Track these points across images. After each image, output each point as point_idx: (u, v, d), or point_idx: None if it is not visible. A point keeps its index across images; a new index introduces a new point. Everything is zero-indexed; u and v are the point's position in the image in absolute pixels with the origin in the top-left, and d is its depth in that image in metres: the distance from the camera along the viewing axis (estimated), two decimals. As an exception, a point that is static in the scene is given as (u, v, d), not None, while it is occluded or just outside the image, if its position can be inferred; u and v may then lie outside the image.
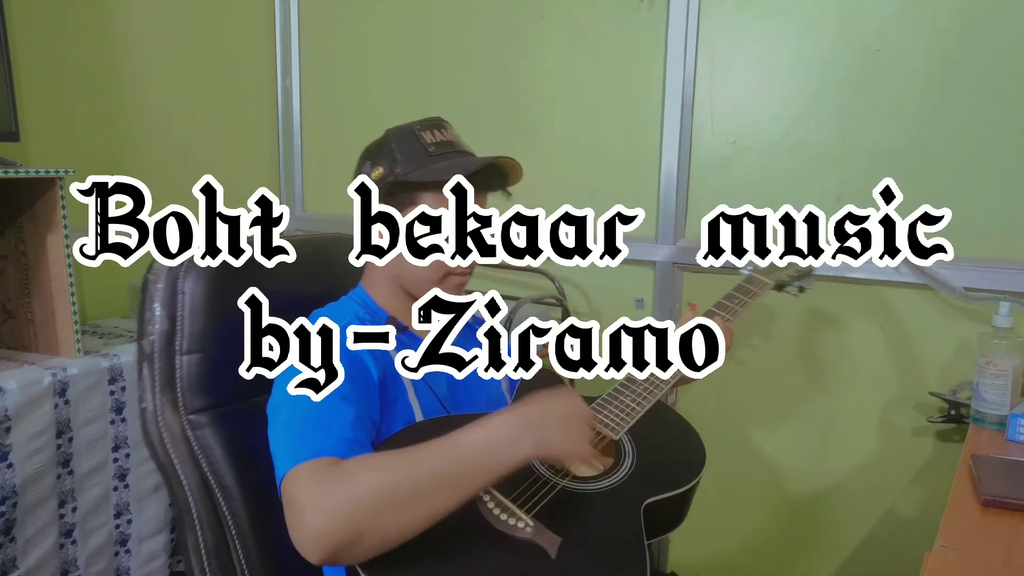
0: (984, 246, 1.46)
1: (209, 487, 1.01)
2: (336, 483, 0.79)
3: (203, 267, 1.04)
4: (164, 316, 1.02)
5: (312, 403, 0.89)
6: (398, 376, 1.02)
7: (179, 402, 1.02)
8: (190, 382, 1.02)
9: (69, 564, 1.45)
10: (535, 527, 0.86)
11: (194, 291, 1.03)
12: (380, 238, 1.05)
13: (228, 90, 2.20)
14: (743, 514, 1.76)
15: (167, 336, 1.02)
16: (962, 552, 0.86)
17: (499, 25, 1.94)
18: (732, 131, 1.68)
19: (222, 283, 1.05)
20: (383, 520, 0.77)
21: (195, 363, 1.02)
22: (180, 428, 1.01)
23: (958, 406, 1.45)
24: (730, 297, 1.25)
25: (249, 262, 1.09)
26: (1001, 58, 1.42)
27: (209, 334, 1.04)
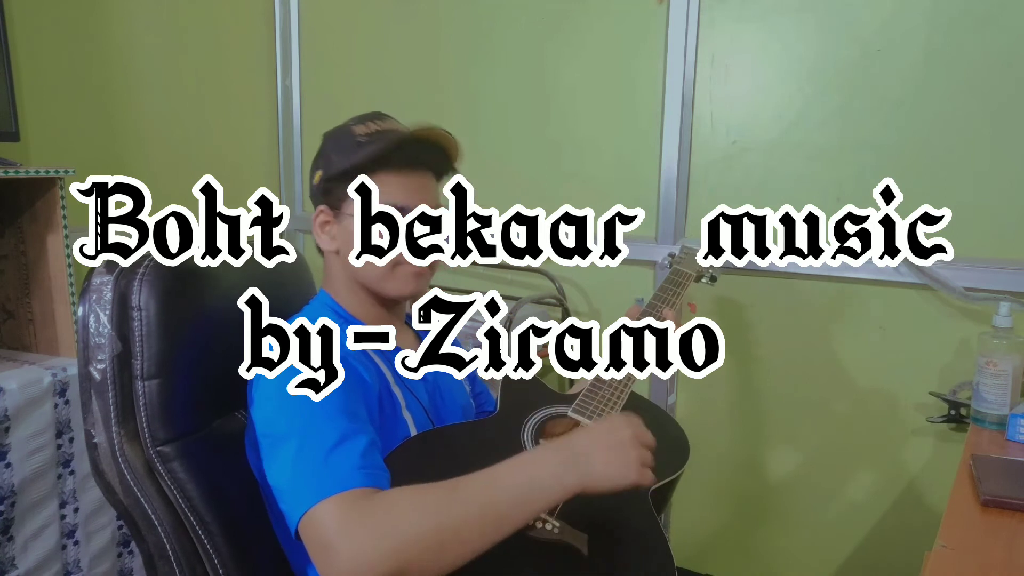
0: (984, 246, 1.46)
1: (187, 525, 0.91)
2: (373, 519, 0.75)
3: (154, 277, 0.92)
4: (115, 337, 0.89)
5: (322, 430, 0.83)
6: (391, 391, 0.99)
7: (143, 434, 0.90)
8: (153, 411, 0.90)
9: (72, 565, 1.45)
10: (562, 526, 0.87)
11: (149, 306, 0.90)
12: (330, 241, 1.02)
13: (228, 90, 2.20)
14: (743, 513, 1.76)
15: (121, 360, 0.90)
16: (962, 552, 0.86)
17: (499, 25, 1.93)
18: (732, 131, 1.68)
19: (179, 294, 0.94)
20: (425, 558, 0.74)
21: (158, 389, 0.90)
22: (144, 463, 0.90)
23: (958, 406, 1.45)
24: (664, 290, 1.27)
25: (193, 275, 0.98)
26: (1001, 58, 1.41)
27: (172, 355, 0.92)
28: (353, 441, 0.83)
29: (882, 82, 1.52)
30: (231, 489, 0.94)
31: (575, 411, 1.04)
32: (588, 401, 1.06)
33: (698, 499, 1.79)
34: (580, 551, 0.85)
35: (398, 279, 1.00)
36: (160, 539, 0.91)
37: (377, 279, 1.00)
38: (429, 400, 1.05)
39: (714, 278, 1.46)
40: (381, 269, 0.99)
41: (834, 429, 1.65)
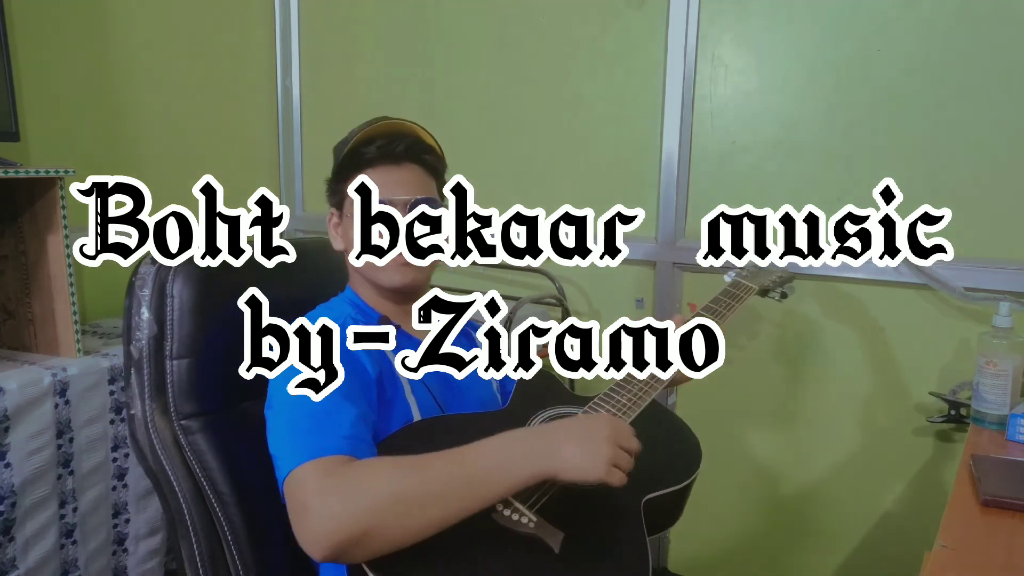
0: (984, 246, 1.46)
1: (203, 493, 0.99)
2: (344, 482, 0.80)
3: (191, 270, 1.03)
4: (152, 320, 1.01)
5: (314, 402, 0.89)
6: (395, 375, 1.02)
7: (170, 408, 1.00)
8: (181, 387, 1.00)
9: (69, 564, 1.45)
10: (538, 522, 0.87)
11: (183, 295, 1.02)
12: (340, 240, 1.09)
13: (228, 90, 2.20)
14: (742, 513, 1.76)
15: (156, 341, 1.01)
16: (962, 552, 0.86)
17: (499, 25, 1.94)
18: (732, 131, 1.68)
19: (211, 286, 1.04)
20: (389, 523, 0.78)
21: (186, 368, 1.01)
22: (172, 434, 1.00)
23: (958, 406, 1.45)
24: (716, 301, 1.24)
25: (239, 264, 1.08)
26: (1001, 58, 1.42)
27: (200, 338, 1.02)
28: (342, 413, 0.88)
29: (882, 82, 1.52)
30: (248, 465, 1.00)
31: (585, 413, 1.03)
32: (601, 405, 1.04)
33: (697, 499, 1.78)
34: (551, 548, 0.84)
35: (387, 271, 1.04)
36: (180, 505, 0.99)
37: (371, 272, 1.05)
38: (442, 389, 1.07)
39: (785, 295, 1.35)
40: (372, 262, 1.04)
41: (834, 429, 1.65)
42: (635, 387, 1.07)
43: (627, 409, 1.03)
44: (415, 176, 1.07)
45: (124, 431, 1.53)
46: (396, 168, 1.05)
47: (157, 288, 1.01)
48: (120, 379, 1.51)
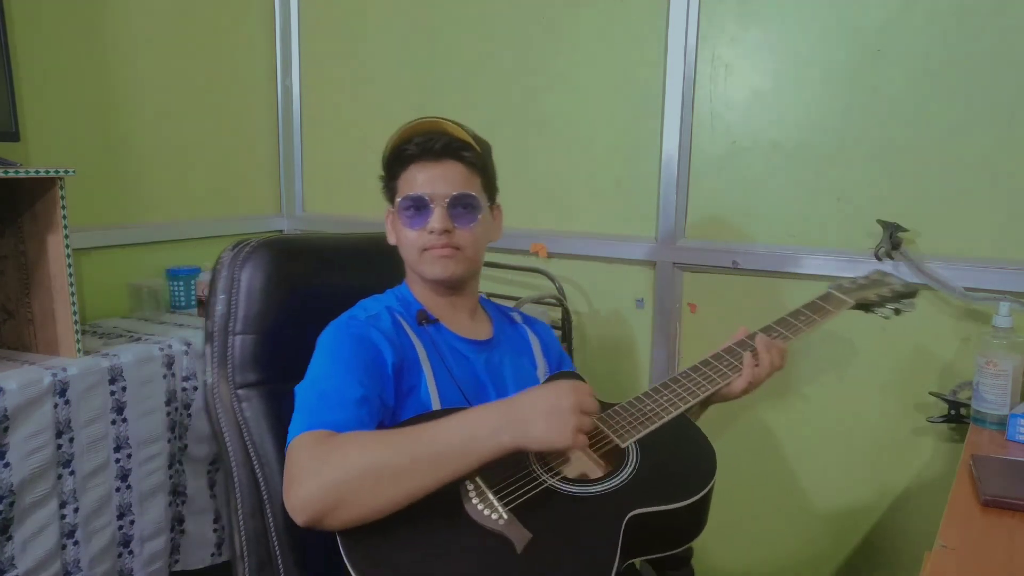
0: (984, 246, 1.46)
1: (249, 455, 1.09)
2: (324, 455, 0.86)
3: (259, 257, 1.15)
4: (224, 300, 1.13)
5: (325, 382, 0.97)
6: (418, 365, 1.06)
7: (229, 377, 1.12)
8: (241, 360, 1.12)
9: (71, 565, 1.45)
10: (507, 520, 0.87)
11: (250, 279, 1.14)
12: (392, 236, 1.16)
13: (228, 90, 2.20)
14: (742, 513, 1.76)
15: (224, 318, 1.13)
16: (962, 552, 0.86)
17: (499, 24, 1.94)
18: (732, 131, 1.68)
19: (275, 273, 1.16)
20: (361, 494, 0.84)
21: (246, 343, 1.13)
22: (229, 401, 1.11)
23: (958, 406, 1.45)
24: (796, 314, 1.19)
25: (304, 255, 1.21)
26: (1001, 58, 1.42)
27: (260, 318, 1.14)
28: (345, 392, 0.95)
29: (882, 82, 1.52)
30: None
31: (600, 419, 1.03)
32: (618, 413, 1.04)
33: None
34: (514, 547, 0.85)
35: (426, 263, 1.10)
36: (231, 466, 1.10)
37: (414, 264, 1.12)
38: (472, 384, 1.10)
39: (899, 311, 1.25)
40: (414, 255, 1.10)
41: (834, 429, 1.65)
42: (662, 397, 1.05)
43: (648, 420, 1.02)
44: (456, 172, 1.10)
45: (126, 431, 1.53)
46: (437, 164, 1.09)
47: (230, 271, 1.14)
48: (120, 379, 1.52)
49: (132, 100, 1.94)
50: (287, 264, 1.17)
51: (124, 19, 1.90)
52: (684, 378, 1.10)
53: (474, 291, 1.19)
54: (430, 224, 1.07)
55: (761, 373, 1.10)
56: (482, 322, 1.20)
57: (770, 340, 1.13)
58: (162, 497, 1.61)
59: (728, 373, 1.10)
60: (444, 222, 1.07)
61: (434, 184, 1.08)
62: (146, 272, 1.97)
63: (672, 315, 1.78)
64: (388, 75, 2.13)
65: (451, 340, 1.12)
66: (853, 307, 1.23)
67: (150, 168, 1.99)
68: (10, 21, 1.58)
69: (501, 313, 1.26)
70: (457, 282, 1.13)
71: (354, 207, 2.26)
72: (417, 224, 1.09)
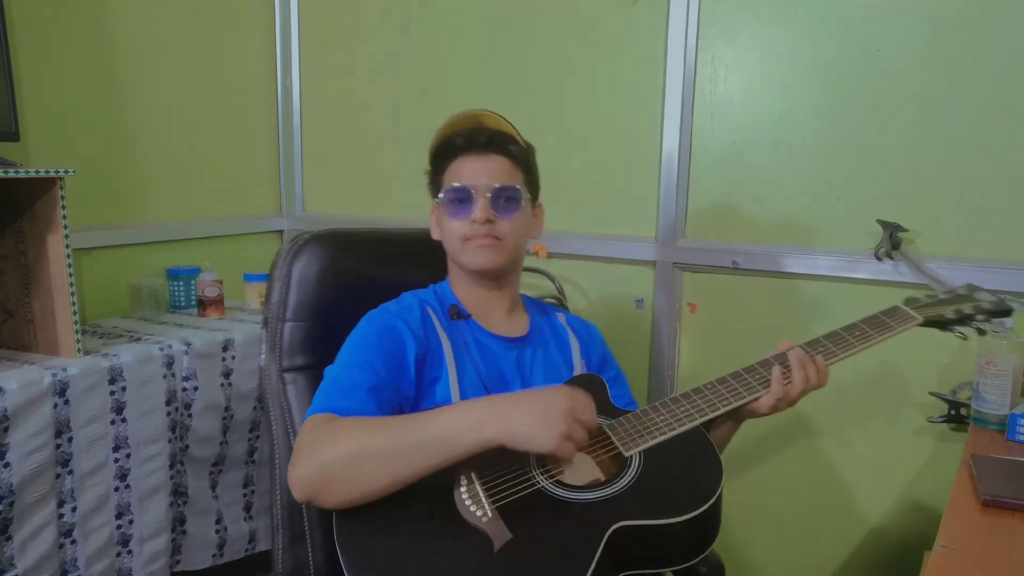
0: (984, 246, 1.46)
1: (288, 434, 1.16)
2: (319, 438, 0.91)
3: (313, 250, 1.22)
4: (278, 289, 1.21)
5: (342, 368, 1.02)
6: (441, 358, 1.08)
7: (278, 361, 1.19)
8: (289, 345, 1.19)
9: (69, 564, 1.45)
10: (491, 518, 0.87)
11: (303, 270, 1.21)
12: (437, 230, 1.19)
13: (228, 90, 2.20)
14: (742, 513, 1.76)
15: (278, 306, 1.21)
16: (962, 552, 0.86)
17: (499, 24, 1.94)
18: (732, 131, 1.68)
19: (325, 266, 1.23)
20: (345, 476, 0.88)
21: (294, 329, 1.20)
22: (276, 382, 1.19)
23: (958, 406, 1.45)
24: (851, 328, 1.13)
25: (352, 249, 1.27)
26: (1001, 58, 1.41)
27: (309, 306, 1.21)
28: (358, 380, 0.99)
29: (882, 82, 1.52)
30: None
31: (610, 427, 1.02)
32: (629, 421, 1.03)
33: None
34: (492, 545, 0.85)
35: (467, 252, 1.12)
36: (273, 440, 1.17)
37: (456, 255, 1.14)
38: (500, 379, 1.12)
39: (983, 331, 1.15)
40: (456, 245, 1.13)
41: (834, 429, 1.65)
42: (680, 408, 1.03)
43: (658, 430, 1.00)
44: (500, 165, 1.13)
45: (125, 431, 1.53)
46: (481, 157, 1.12)
47: (285, 263, 1.22)
48: (120, 379, 1.52)
49: (132, 100, 1.94)
50: (336, 257, 1.24)
51: (124, 19, 1.90)
52: (708, 389, 1.06)
53: (514, 287, 1.21)
54: (473, 214, 1.09)
55: (792, 391, 1.05)
56: (519, 320, 1.21)
57: (805, 355, 1.07)
58: (163, 497, 1.61)
59: (757, 388, 1.05)
60: (487, 211, 1.09)
61: (478, 176, 1.11)
62: (146, 272, 1.97)
63: (672, 315, 1.78)
64: (388, 75, 2.13)
65: (481, 336, 1.15)
66: (923, 324, 1.13)
67: (150, 168, 1.99)
68: (10, 21, 1.58)
69: (544, 312, 1.27)
70: (498, 272, 1.15)
71: (354, 207, 2.26)
72: (461, 214, 1.11)
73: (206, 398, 1.67)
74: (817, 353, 1.09)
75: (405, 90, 2.11)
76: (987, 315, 1.14)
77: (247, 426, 1.80)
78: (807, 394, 1.07)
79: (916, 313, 1.13)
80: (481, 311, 1.17)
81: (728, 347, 1.74)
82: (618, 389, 1.24)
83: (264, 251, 2.33)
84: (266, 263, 1.27)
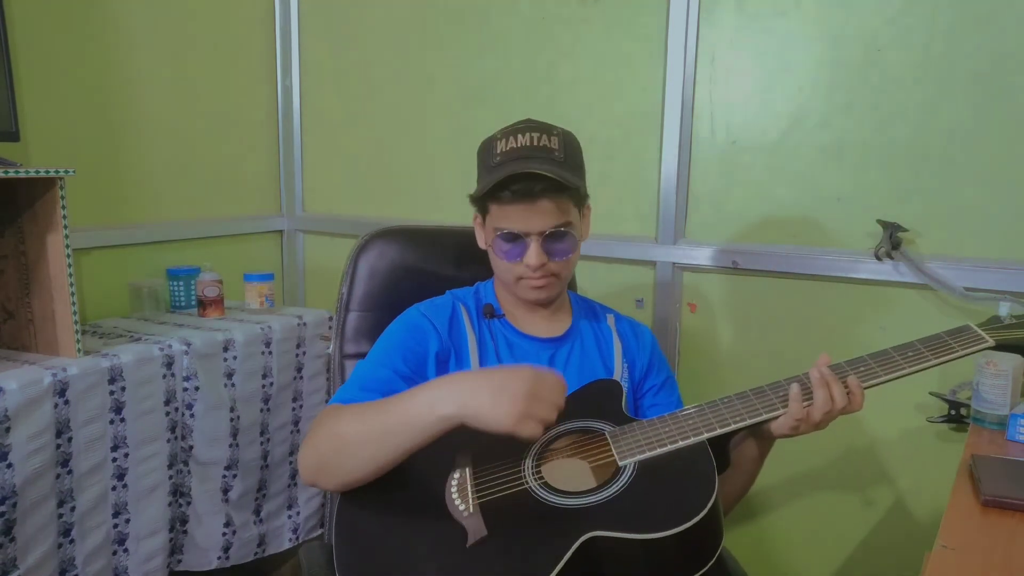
0: (984, 246, 1.46)
1: None
2: (322, 425, 0.97)
3: (376, 246, 1.34)
4: (347, 282, 1.33)
5: (365, 364, 1.09)
6: (467, 356, 1.10)
7: (341, 348, 1.31)
8: (351, 333, 1.31)
9: (67, 563, 1.45)
10: (472, 513, 0.89)
11: (368, 264, 1.33)
12: (482, 241, 1.19)
13: (228, 90, 2.20)
14: (741, 513, 1.76)
15: (345, 298, 1.33)
16: (962, 552, 0.86)
17: (499, 24, 1.94)
18: (732, 131, 1.68)
19: (384, 260, 1.34)
20: (333, 460, 0.94)
21: (356, 319, 1.32)
22: (338, 367, 1.32)
23: (958, 406, 1.45)
24: (905, 348, 1.00)
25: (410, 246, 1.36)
26: (1001, 58, 1.41)
27: (369, 298, 1.32)
28: (376, 374, 1.06)
29: (882, 82, 1.52)
30: None
31: (611, 434, 1.02)
32: (633, 430, 1.01)
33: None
34: (465, 540, 0.87)
35: (521, 289, 1.14)
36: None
37: (509, 286, 1.16)
38: None
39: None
40: (509, 279, 1.14)
41: (834, 429, 1.64)
42: (686, 423, 0.99)
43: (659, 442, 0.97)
44: (550, 208, 1.08)
45: (124, 431, 1.53)
46: (530, 205, 1.07)
47: (354, 257, 1.34)
48: (120, 379, 1.52)
49: (132, 100, 1.94)
50: (398, 253, 1.35)
51: (124, 19, 1.90)
52: (723, 404, 1.01)
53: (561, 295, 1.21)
54: (526, 259, 1.09)
55: (815, 414, 0.97)
56: (561, 319, 1.21)
57: (830, 375, 0.98)
58: (160, 496, 1.61)
59: (778, 406, 0.99)
60: (540, 257, 1.08)
61: (529, 221, 1.07)
62: (146, 272, 1.97)
63: (672, 315, 1.77)
64: (388, 75, 2.13)
65: (512, 336, 1.16)
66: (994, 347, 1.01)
67: (150, 168, 1.99)
68: (10, 21, 1.58)
69: (591, 313, 1.26)
70: (552, 300, 1.18)
71: (354, 207, 2.26)
72: (512, 257, 1.10)
73: (209, 398, 1.67)
74: (855, 373, 0.99)
75: (405, 90, 2.11)
76: None
77: (257, 428, 1.80)
78: (835, 418, 0.99)
79: (988, 335, 1.00)
80: (517, 312, 1.19)
81: (728, 347, 1.74)
82: (664, 396, 1.22)
83: (264, 251, 2.33)
84: (266, 263, 1.29)
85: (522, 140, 1.10)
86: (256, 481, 1.81)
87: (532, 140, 1.10)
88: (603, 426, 1.04)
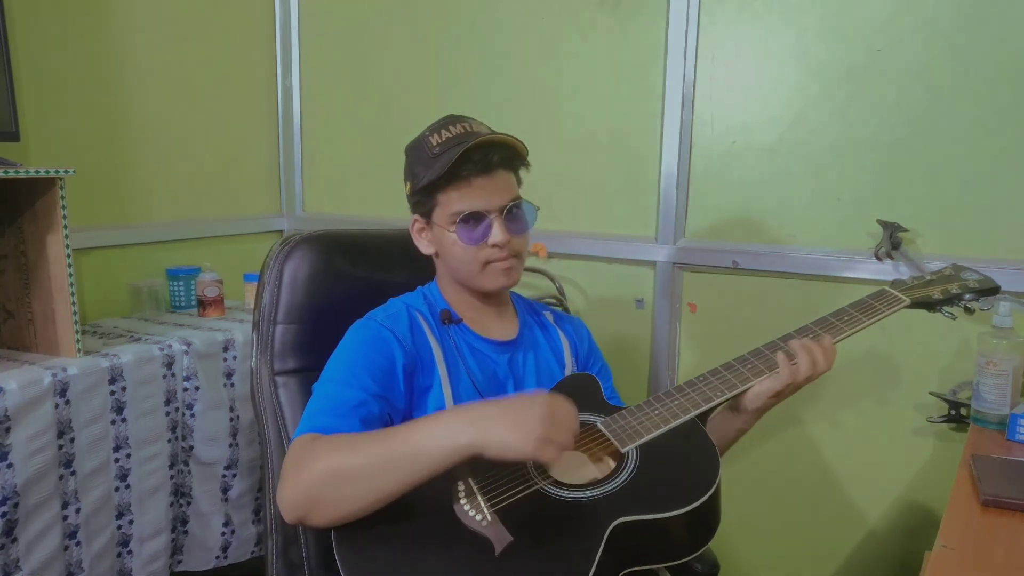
0: (984, 246, 1.46)
1: (281, 437, 1.15)
2: (305, 458, 0.89)
3: (303, 252, 1.21)
4: (269, 292, 1.20)
5: (329, 385, 1.00)
6: (433, 365, 1.06)
7: (270, 364, 1.18)
8: (280, 348, 1.18)
9: (74, 566, 1.45)
10: (491, 521, 0.87)
11: (292, 272, 1.20)
12: (428, 245, 1.15)
13: (228, 90, 2.20)
14: (740, 513, 1.76)
15: (269, 309, 1.19)
16: (962, 552, 0.86)
17: (500, 25, 1.94)
18: (732, 131, 1.68)
19: (316, 267, 1.22)
20: (330, 495, 0.86)
21: (286, 332, 1.19)
22: (269, 385, 1.18)
23: (958, 406, 1.45)
24: (840, 313, 1.11)
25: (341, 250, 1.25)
26: (1001, 58, 1.42)
27: (300, 309, 1.20)
28: (344, 396, 0.97)
29: (883, 82, 1.52)
30: None
31: (604, 424, 1.02)
32: (624, 417, 1.02)
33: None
34: (493, 549, 0.85)
35: (489, 275, 1.09)
36: (266, 442, 1.16)
37: (471, 277, 1.10)
38: (491, 384, 1.10)
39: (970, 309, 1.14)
40: (474, 268, 1.09)
41: (834, 429, 1.65)
42: (674, 402, 1.02)
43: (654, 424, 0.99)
44: (505, 180, 1.09)
45: (125, 431, 1.53)
46: (489, 179, 1.06)
47: (276, 265, 1.21)
48: (120, 379, 1.52)
49: (132, 100, 1.94)
50: (326, 259, 1.23)
51: (124, 19, 1.90)
52: (701, 382, 1.05)
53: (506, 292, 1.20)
54: (492, 238, 1.06)
55: (799, 375, 1.03)
56: (510, 321, 1.20)
57: (808, 341, 1.05)
58: (162, 497, 1.61)
59: (750, 377, 1.04)
60: (506, 234, 1.07)
61: (490, 198, 1.06)
62: (146, 272, 1.97)
63: (672, 315, 1.78)
64: (388, 75, 2.13)
65: (473, 340, 1.13)
66: (910, 306, 1.13)
67: (150, 168, 1.99)
68: (10, 21, 1.58)
69: (533, 312, 1.25)
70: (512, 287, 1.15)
71: (354, 207, 2.26)
72: (476, 240, 1.06)
73: (209, 398, 1.67)
74: (812, 337, 1.07)
75: (405, 90, 2.11)
76: (974, 294, 1.14)
77: (256, 428, 1.80)
78: (812, 381, 1.05)
79: (903, 295, 1.13)
80: (470, 316, 1.15)
81: (728, 347, 1.73)
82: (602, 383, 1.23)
83: (264, 251, 2.32)
84: (266, 263, 1.26)
85: (455, 130, 1.09)
86: (255, 481, 1.81)
87: (464, 128, 1.10)
88: (592, 418, 1.05)
